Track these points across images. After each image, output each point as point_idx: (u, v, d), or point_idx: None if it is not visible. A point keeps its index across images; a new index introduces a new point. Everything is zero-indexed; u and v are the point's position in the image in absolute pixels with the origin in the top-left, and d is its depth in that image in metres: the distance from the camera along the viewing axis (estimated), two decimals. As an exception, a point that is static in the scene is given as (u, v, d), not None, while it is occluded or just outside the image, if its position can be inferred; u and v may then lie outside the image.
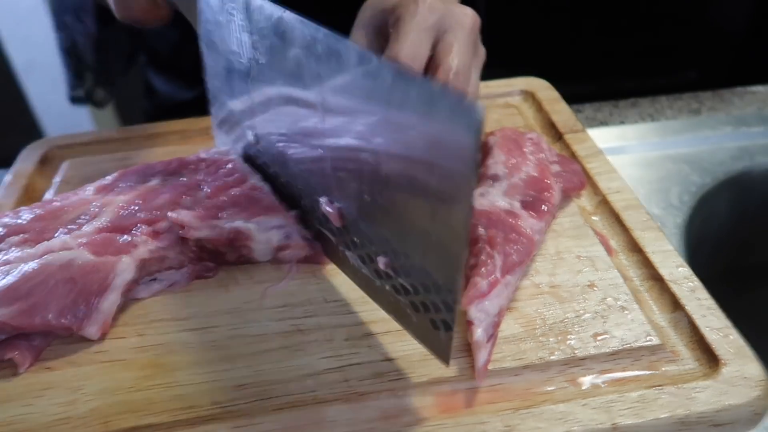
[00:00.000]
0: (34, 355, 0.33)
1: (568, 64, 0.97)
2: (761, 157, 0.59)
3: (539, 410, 0.29)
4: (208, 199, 0.37)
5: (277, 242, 0.36)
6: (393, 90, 0.25)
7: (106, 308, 0.33)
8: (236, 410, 0.30)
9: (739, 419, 0.29)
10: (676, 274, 0.35)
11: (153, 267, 0.36)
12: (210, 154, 0.42)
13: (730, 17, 1.02)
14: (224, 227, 0.35)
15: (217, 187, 0.38)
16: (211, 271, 0.37)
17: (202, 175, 0.40)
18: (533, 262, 0.37)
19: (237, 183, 0.38)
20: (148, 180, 0.40)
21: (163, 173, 0.41)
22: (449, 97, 0.23)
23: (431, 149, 0.25)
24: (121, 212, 0.37)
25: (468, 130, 0.22)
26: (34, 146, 0.51)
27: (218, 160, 0.40)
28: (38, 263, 0.33)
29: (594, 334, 0.32)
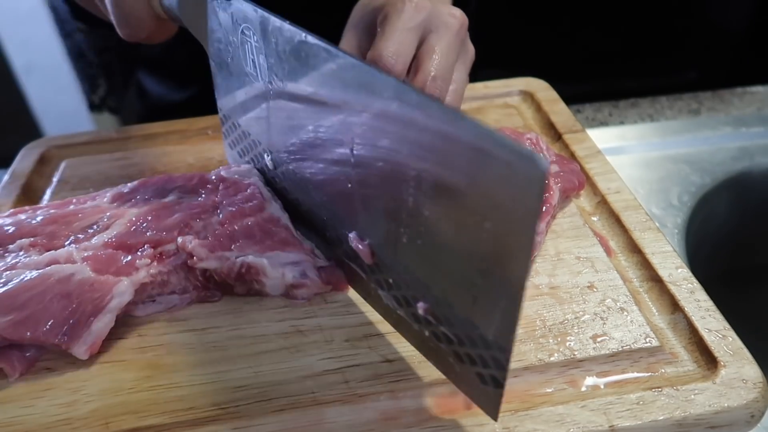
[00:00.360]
0: (25, 365, 0.32)
1: (567, 65, 0.97)
2: (761, 157, 0.59)
3: (538, 412, 0.29)
4: (221, 226, 0.36)
5: (292, 279, 0.34)
6: (442, 125, 0.23)
7: (97, 329, 0.32)
8: (236, 411, 0.30)
9: (737, 421, 0.29)
10: (676, 275, 0.35)
11: (154, 291, 0.35)
12: (231, 173, 0.39)
13: (730, 17, 1.02)
14: (234, 261, 0.34)
15: (232, 213, 0.36)
16: (214, 298, 0.36)
17: (219, 196, 0.38)
18: (533, 263, 0.37)
19: (254, 211, 0.37)
20: (165, 194, 0.39)
21: (181, 189, 0.39)
22: (510, 146, 0.20)
23: (484, 200, 0.22)
24: (131, 228, 0.36)
25: (531, 185, 0.20)
26: (32, 146, 0.51)
27: (238, 183, 0.38)
28: (39, 273, 0.33)
29: (593, 336, 0.32)
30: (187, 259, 0.34)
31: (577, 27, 0.98)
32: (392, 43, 0.38)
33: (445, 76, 0.39)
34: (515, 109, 0.52)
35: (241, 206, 0.37)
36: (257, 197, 0.37)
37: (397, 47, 0.38)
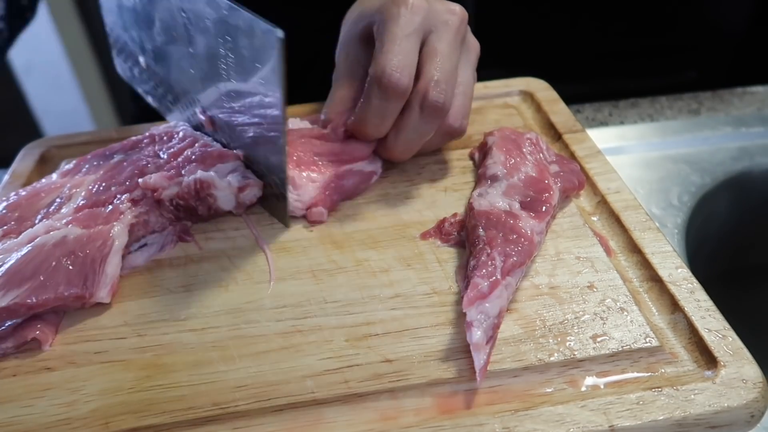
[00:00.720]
0: (53, 330, 0.34)
1: (567, 65, 0.97)
2: (761, 157, 0.59)
3: (538, 412, 0.29)
4: (168, 163, 0.40)
5: (237, 183, 0.39)
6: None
7: (111, 271, 0.35)
8: (236, 411, 0.30)
9: (737, 421, 0.29)
10: (676, 275, 0.35)
11: (140, 232, 0.38)
12: (160, 129, 0.45)
13: (730, 17, 1.02)
14: (189, 181, 0.38)
15: (174, 152, 0.41)
16: (189, 234, 0.40)
17: (157, 146, 0.43)
18: (533, 263, 0.37)
19: (189, 145, 0.42)
20: (110, 159, 0.43)
21: (121, 151, 0.43)
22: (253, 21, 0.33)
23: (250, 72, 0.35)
24: (95, 189, 0.40)
25: (269, 46, 0.32)
26: (32, 146, 0.51)
27: (169, 132, 0.44)
28: (31, 246, 0.34)
29: (593, 336, 0.32)
30: (154, 197, 0.38)
31: (577, 27, 0.99)
32: (394, 55, 0.37)
33: (449, 78, 0.39)
34: (515, 109, 0.52)
35: (179, 145, 0.42)
36: (189, 135, 0.43)
37: (400, 59, 0.37)
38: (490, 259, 0.33)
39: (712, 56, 1.04)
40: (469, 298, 0.31)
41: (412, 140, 0.41)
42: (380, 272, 0.37)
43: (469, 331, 0.30)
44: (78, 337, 0.34)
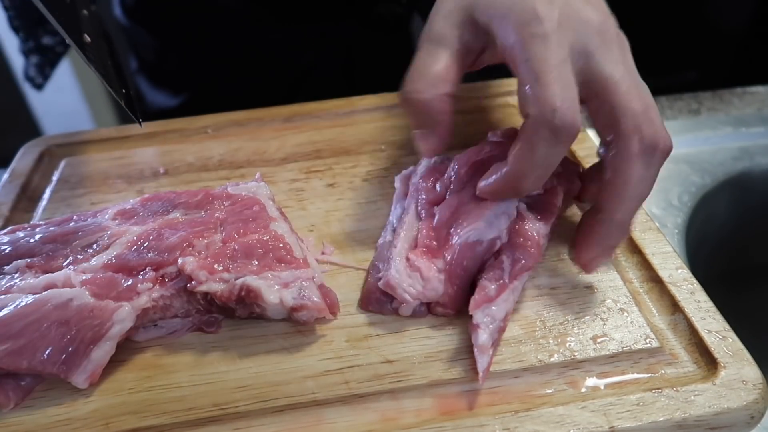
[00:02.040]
0: (20, 395, 0.31)
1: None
2: (761, 157, 0.59)
3: (538, 413, 0.29)
4: (222, 244, 0.34)
5: (291, 303, 0.32)
6: None
7: (97, 358, 0.31)
8: (236, 412, 0.30)
9: (737, 422, 0.29)
10: (676, 276, 0.35)
11: (156, 315, 0.34)
12: (237, 190, 0.38)
13: (730, 17, 1.02)
14: (234, 282, 0.33)
15: (236, 230, 0.35)
16: (213, 326, 0.34)
17: (224, 213, 0.37)
18: (534, 270, 0.37)
19: (257, 229, 0.35)
20: (169, 211, 0.37)
21: (185, 206, 0.38)
22: None
23: None
24: (132, 248, 0.35)
25: None
26: (32, 144, 0.51)
27: (245, 199, 0.37)
28: (36, 299, 0.32)
29: (593, 337, 0.32)
30: (186, 287, 0.33)
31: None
32: (555, 89, 0.30)
33: (645, 96, 0.32)
34: (515, 109, 0.52)
35: (245, 224, 0.36)
36: (262, 215, 0.36)
37: (564, 93, 0.30)
38: (498, 262, 0.33)
39: (712, 56, 1.04)
40: (476, 300, 0.31)
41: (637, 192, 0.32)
42: (380, 272, 0.37)
43: (475, 333, 0.30)
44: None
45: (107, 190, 0.45)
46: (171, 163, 0.47)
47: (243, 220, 0.36)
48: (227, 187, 0.39)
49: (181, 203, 0.38)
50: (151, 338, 0.34)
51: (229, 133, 0.50)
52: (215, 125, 0.51)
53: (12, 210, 0.44)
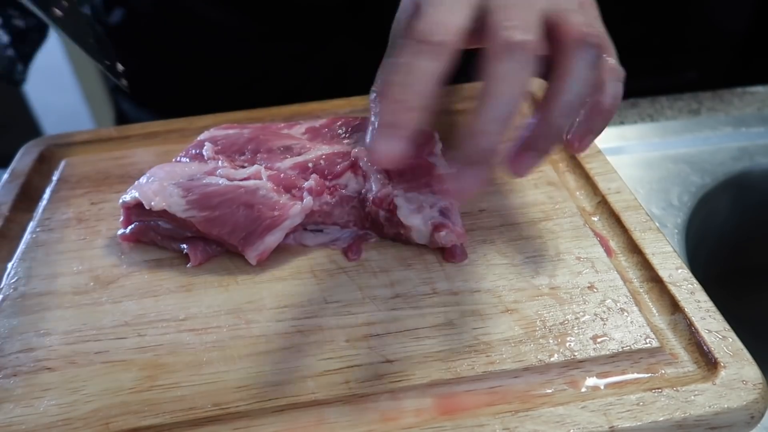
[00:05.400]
0: (204, 257, 0.38)
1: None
2: (761, 157, 0.59)
3: (538, 413, 0.29)
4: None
5: (431, 221, 0.36)
6: None
7: (269, 242, 0.37)
8: (236, 412, 0.30)
9: (737, 422, 0.29)
10: (676, 276, 0.35)
11: (319, 218, 0.39)
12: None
13: (730, 17, 1.02)
14: (389, 191, 0.37)
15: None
16: (371, 238, 0.39)
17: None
18: (534, 264, 0.37)
19: (421, 152, 0.40)
20: (348, 136, 0.43)
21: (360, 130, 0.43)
22: None
23: None
24: (312, 159, 0.41)
25: None
26: (32, 144, 0.51)
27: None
28: (233, 183, 0.38)
29: (593, 336, 0.32)
30: (352, 194, 0.39)
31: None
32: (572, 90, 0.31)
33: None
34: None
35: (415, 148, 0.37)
36: (431, 141, 0.41)
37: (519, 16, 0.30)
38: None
39: (712, 56, 1.04)
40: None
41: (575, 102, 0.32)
42: (381, 272, 0.37)
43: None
44: (78, 337, 0.34)
45: (107, 190, 0.45)
46: (171, 163, 0.47)
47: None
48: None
49: (357, 128, 0.43)
50: (319, 243, 0.39)
51: (229, 133, 0.50)
52: (215, 125, 0.51)
53: (12, 210, 0.44)
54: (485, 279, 0.36)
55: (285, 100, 0.54)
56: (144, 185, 0.38)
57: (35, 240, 0.41)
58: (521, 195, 0.42)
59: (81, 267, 0.39)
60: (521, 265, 0.36)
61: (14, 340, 0.34)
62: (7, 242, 0.41)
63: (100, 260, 0.39)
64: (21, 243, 0.41)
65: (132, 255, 0.39)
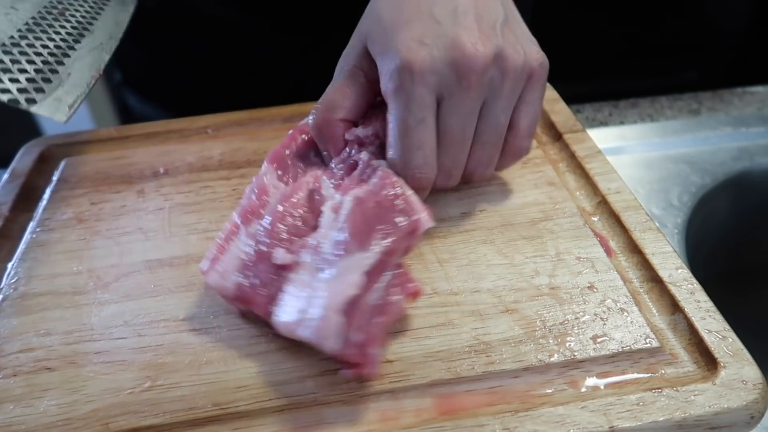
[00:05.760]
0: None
1: (568, 64, 0.97)
2: (761, 157, 0.59)
3: (538, 413, 0.29)
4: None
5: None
6: None
7: (415, 199, 0.33)
8: (236, 411, 0.30)
9: (737, 422, 0.29)
10: (676, 276, 0.35)
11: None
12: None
13: (730, 17, 1.02)
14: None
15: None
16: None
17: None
18: (533, 264, 0.37)
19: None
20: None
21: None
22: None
23: None
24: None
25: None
26: (32, 144, 0.51)
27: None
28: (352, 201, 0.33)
29: (593, 336, 0.32)
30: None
31: (577, 27, 0.99)
32: (413, 151, 0.34)
33: (458, 159, 0.36)
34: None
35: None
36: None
37: (421, 155, 0.35)
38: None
39: (712, 56, 1.04)
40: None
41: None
42: (380, 272, 0.37)
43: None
44: (78, 337, 0.34)
45: (107, 190, 0.45)
46: (171, 163, 0.47)
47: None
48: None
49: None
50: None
51: (229, 133, 0.50)
52: (215, 125, 0.51)
53: (12, 210, 0.44)
54: (485, 279, 0.36)
55: (286, 95, 0.54)
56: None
57: (35, 240, 0.41)
58: (521, 195, 0.42)
59: (81, 267, 0.39)
60: (521, 265, 0.36)
61: (14, 340, 0.34)
62: (7, 242, 0.41)
63: (100, 260, 0.39)
64: (21, 243, 0.41)
65: (132, 255, 0.39)
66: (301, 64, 0.65)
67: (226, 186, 0.45)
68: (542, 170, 0.44)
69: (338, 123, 0.37)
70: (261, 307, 0.32)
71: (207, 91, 0.64)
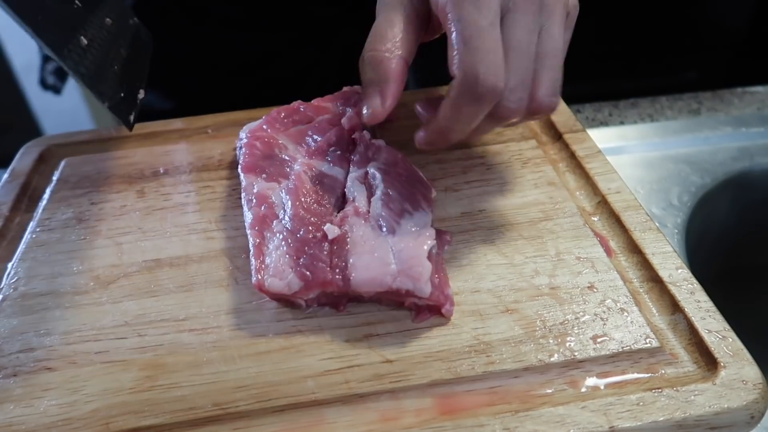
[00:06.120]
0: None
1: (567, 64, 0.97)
2: (761, 157, 0.59)
3: (538, 413, 0.29)
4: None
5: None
6: None
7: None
8: (236, 411, 0.30)
9: (737, 422, 0.29)
10: (676, 276, 0.35)
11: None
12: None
13: (730, 17, 1.02)
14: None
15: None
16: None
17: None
18: (534, 264, 0.37)
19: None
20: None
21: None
22: None
23: None
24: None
25: None
26: (32, 144, 0.51)
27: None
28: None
29: (593, 336, 0.32)
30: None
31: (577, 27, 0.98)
32: (484, 54, 0.32)
33: (525, 78, 0.34)
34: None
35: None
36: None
37: (491, 58, 0.32)
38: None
39: (712, 56, 1.04)
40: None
41: (474, 132, 0.37)
42: (381, 272, 0.37)
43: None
44: (78, 337, 0.34)
45: (107, 190, 0.45)
46: (171, 163, 0.47)
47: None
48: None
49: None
50: None
51: (229, 133, 0.50)
52: (215, 125, 0.51)
53: (12, 210, 0.44)
54: (485, 279, 0.36)
55: (290, 88, 0.54)
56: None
57: (35, 240, 0.41)
58: (521, 195, 0.42)
59: (81, 267, 0.39)
60: (521, 265, 0.36)
61: (14, 340, 0.34)
62: (7, 242, 0.41)
63: (100, 260, 0.39)
64: (21, 243, 0.41)
65: (132, 255, 0.39)
66: (304, 58, 0.65)
67: (226, 186, 0.45)
68: (542, 170, 0.44)
69: (399, 60, 0.35)
70: (331, 282, 0.33)
71: (210, 81, 0.64)
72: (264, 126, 0.44)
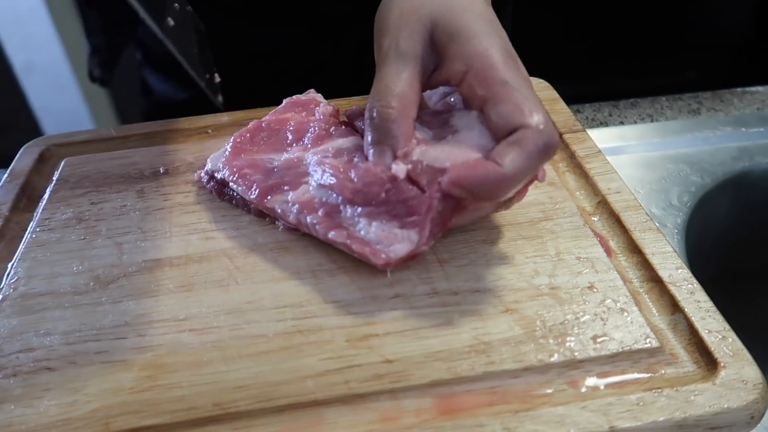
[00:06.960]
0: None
1: (568, 64, 0.98)
2: (761, 157, 0.59)
3: (538, 413, 0.29)
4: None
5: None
6: None
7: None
8: (236, 411, 0.30)
9: (737, 422, 0.29)
10: (676, 276, 0.35)
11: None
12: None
13: (730, 17, 1.02)
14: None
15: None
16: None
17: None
18: (533, 263, 0.37)
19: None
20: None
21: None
22: None
23: None
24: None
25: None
26: (32, 144, 0.51)
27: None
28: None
29: (593, 336, 0.32)
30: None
31: (578, 27, 0.99)
32: (537, 110, 0.33)
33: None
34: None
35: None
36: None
37: (543, 113, 0.33)
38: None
39: (712, 56, 1.04)
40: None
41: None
42: (380, 272, 0.37)
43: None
44: (78, 337, 0.34)
45: (107, 190, 0.45)
46: (171, 163, 0.47)
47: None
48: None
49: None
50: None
51: (229, 133, 0.50)
52: (215, 125, 0.51)
53: (12, 210, 0.44)
54: (485, 279, 0.36)
55: (304, 81, 0.54)
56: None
57: (35, 240, 0.41)
58: (521, 195, 0.42)
59: (81, 267, 0.39)
60: (521, 265, 0.36)
61: (14, 340, 0.34)
62: (7, 242, 0.41)
63: (100, 260, 0.39)
64: (21, 243, 0.41)
65: (132, 255, 0.39)
66: (318, 53, 0.65)
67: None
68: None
69: (410, 119, 0.35)
70: (430, 202, 0.34)
71: (224, 73, 0.65)
72: (239, 155, 0.42)
